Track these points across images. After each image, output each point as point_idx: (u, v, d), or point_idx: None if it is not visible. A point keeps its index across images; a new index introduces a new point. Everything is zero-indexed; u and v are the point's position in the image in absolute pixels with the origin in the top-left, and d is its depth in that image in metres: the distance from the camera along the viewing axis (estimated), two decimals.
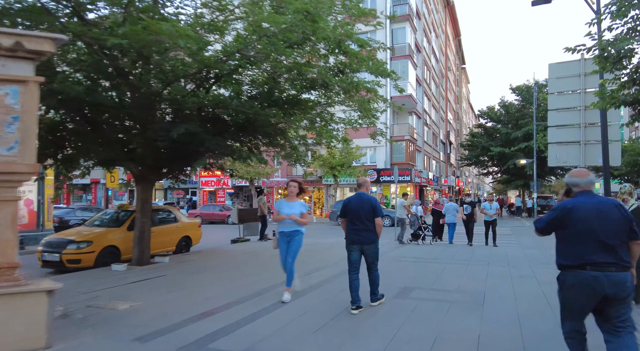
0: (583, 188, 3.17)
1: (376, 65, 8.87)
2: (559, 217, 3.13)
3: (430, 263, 9.31)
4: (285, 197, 6.17)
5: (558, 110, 11.31)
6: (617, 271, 2.90)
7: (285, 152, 12.40)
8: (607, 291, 2.88)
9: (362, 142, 29.25)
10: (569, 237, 3.07)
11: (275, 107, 9.17)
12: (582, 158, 10.81)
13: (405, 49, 29.13)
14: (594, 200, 3.09)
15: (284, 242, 5.97)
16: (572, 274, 3.02)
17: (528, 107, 33.76)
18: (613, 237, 2.95)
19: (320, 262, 9.46)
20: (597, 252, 2.93)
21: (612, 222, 2.97)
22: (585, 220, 2.99)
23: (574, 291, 3.01)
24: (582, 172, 3.23)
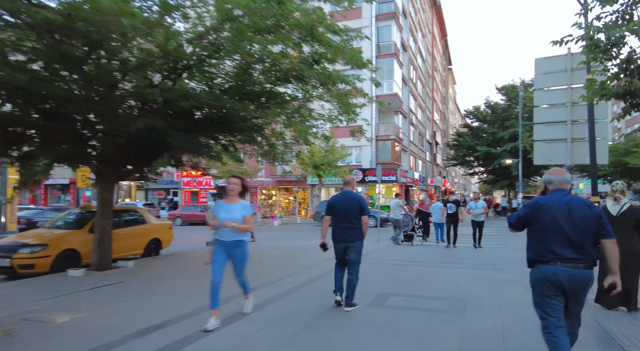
0: (557, 186, 3.20)
1: (351, 55, 8.34)
2: (529, 212, 3.16)
3: (412, 266, 8.82)
4: (225, 198, 4.95)
5: (544, 106, 10.93)
6: (585, 268, 2.97)
7: (263, 150, 11.83)
8: (573, 286, 2.96)
9: (347, 142, 28.78)
10: (539, 232, 3.10)
11: (248, 100, 8.59)
12: (569, 157, 10.44)
13: (390, 47, 28.74)
14: (565, 198, 3.11)
15: (221, 254, 4.79)
16: (541, 269, 3.06)
17: (514, 107, 33.67)
18: (581, 234, 2.99)
19: (296, 267, 8.90)
20: (565, 248, 2.98)
21: (581, 220, 3.00)
22: (555, 217, 3.03)
23: (544, 286, 3.04)
24: (558, 171, 3.27)
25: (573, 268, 2.94)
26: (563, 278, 2.95)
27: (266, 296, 6.13)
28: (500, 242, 15.10)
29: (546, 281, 3.02)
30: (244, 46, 6.84)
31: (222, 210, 4.77)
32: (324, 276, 7.64)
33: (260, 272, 8.17)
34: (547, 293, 3.03)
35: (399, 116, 32.89)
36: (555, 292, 3.01)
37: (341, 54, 8.16)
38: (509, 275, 7.68)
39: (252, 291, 6.35)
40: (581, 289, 3.01)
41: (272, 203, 32.29)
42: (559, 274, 2.96)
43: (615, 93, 5.70)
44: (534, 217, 3.13)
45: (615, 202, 5.30)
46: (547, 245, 3.04)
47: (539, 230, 3.11)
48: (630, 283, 5.16)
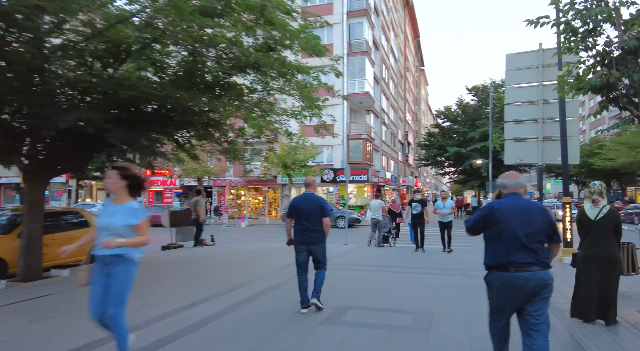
0: (510, 191, 3.21)
1: (307, 40, 7.65)
2: (485, 217, 3.16)
3: (377, 272, 8.22)
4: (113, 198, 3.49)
5: (515, 104, 10.57)
6: (538, 270, 2.96)
7: (222, 147, 11.00)
8: (529, 291, 2.94)
9: (318, 140, 28.16)
10: (494, 237, 3.11)
11: (198, 91, 7.78)
12: (540, 156, 10.11)
13: (362, 45, 28.28)
14: (519, 202, 3.13)
15: (99, 274, 3.31)
16: (496, 275, 3.06)
17: (484, 108, 33.86)
18: (534, 239, 2.99)
19: (252, 274, 8.14)
20: (518, 253, 2.97)
21: (534, 224, 3.02)
22: (508, 221, 3.03)
23: (499, 292, 3.05)
24: (512, 175, 3.27)
25: (526, 272, 2.95)
26: (517, 283, 2.95)
27: (210, 311, 5.36)
28: (470, 244, 14.74)
29: (502, 287, 3.02)
30: (184, 27, 6.04)
31: (104, 214, 3.39)
32: (280, 286, 6.94)
33: (212, 281, 7.38)
34: (501, 298, 3.06)
35: (371, 115, 32.51)
36: (509, 298, 3.01)
37: (296, 39, 7.46)
38: (478, 281, 7.12)
39: (198, 305, 5.61)
40: (538, 291, 2.96)
41: (241, 203, 31.30)
42: (514, 279, 2.95)
43: (593, 86, 5.23)
44: (489, 221, 3.13)
45: (594, 204, 4.82)
46: (501, 249, 3.04)
47: (493, 235, 3.11)
48: (609, 293, 4.69)
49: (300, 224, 5.31)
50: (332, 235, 14.56)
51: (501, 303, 3.06)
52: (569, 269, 8.39)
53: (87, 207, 27.03)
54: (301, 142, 24.87)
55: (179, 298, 6.04)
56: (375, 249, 12.10)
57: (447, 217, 11.17)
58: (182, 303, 5.75)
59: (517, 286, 2.94)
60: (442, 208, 11.20)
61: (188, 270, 8.77)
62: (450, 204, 11.30)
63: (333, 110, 28.97)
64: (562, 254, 9.21)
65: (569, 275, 7.56)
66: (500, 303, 3.07)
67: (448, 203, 11.27)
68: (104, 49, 7.35)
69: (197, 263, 9.62)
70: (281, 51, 7.78)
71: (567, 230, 9.11)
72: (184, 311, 5.38)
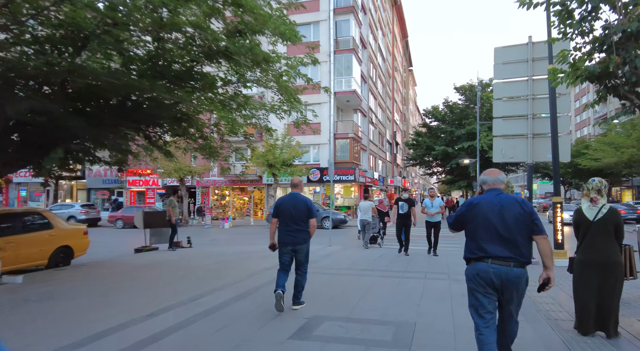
0: (490, 186, 3.26)
1: (276, 25, 7.07)
2: (464, 212, 3.22)
3: (358, 276, 7.69)
4: None
5: (504, 99, 10.14)
6: (514, 266, 2.96)
7: (197, 144, 10.39)
8: (505, 284, 2.97)
9: (305, 139, 27.61)
10: (473, 231, 3.14)
11: (164, 80, 7.17)
12: (530, 154, 9.69)
13: (349, 42, 27.80)
14: (498, 197, 3.16)
15: None
16: (474, 266, 3.09)
17: (472, 107, 33.67)
18: (513, 232, 3.01)
19: (223, 280, 7.55)
20: (497, 246, 3.00)
21: (512, 217, 3.03)
22: (487, 215, 3.08)
23: (475, 283, 3.08)
24: (492, 172, 3.35)
25: (503, 265, 2.96)
26: (493, 275, 2.98)
27: (165, 324, 4.76)
28: (457, 244, 14.34)
29: (477, 278, 3.06)
30: (140, 9, 5.44)
31: None
32: (249, 294, 6.36)
33: (178, 288, 6.77)
34: (478, 290, 3.07)
35: (358, 114, 32.05)
36: (486, 290, 3.04)
37: (267, 23, 6.88)
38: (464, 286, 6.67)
39: (156, 316, 5.00)
40: (512, 287, 2.98)
41: (226, 203, 30.56)
42: (490, 271, 2.99)
43: (591, 73, 4.76)
44: (469, 216, 3.18)
45: (592, 203, 4.34)
46: (480, 243, 3.07)
47: (472, 229, 3.15)
48: (610, 302, 4.21)
49: (286, 224, 5.27)
50: (317, 236, 14.06)
51: (480, 294, 3.07)
52: (563, 274, 7.95)
53: (64, 207, 26.12)
54: (287, 141, 24.29)
55: (137, 308, 5.44)
56: (360, 251, 11.57)
57: (434, 217, 10.41)
58: (138, 314, 5.14)
59: (490, 277, 2.99)
60: (430, 207, 10.42)
61: (155, 275, 8.13)
62: (438, 203, 10.43)
63: (319, 108, 28.48)
64: (555, 257, 8.80)
65: (562, 280, 7.12)
66: (478, 295, 3.08)
67: (436, 202, 10.42)
68: (62, 36, 6.73)
69: (167, 267, 8.98)
70: (252, 37, 7.19)
71: (559, 231, 8.69)
72: (137, 324, 4.78)
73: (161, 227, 12.32)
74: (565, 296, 6.11)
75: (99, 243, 15.82)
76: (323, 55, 27.86)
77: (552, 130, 8.89)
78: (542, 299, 5.83)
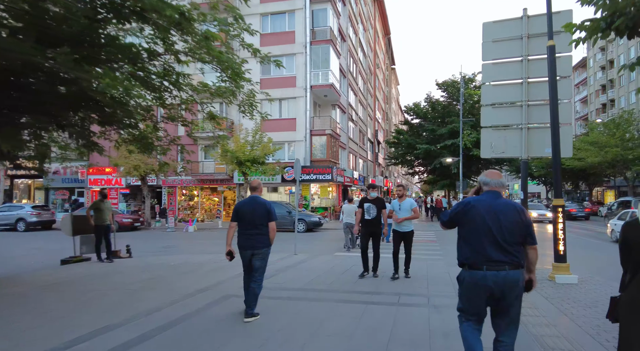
0: (491, 188, 3.14)
1: None
2: (461, 211, 3.11)
3: (315, 301, 6.02)
4: None
5: (494, 84, 8.64)
6: (510, 270, 2.91)
7: (129, 135, 8.61)
8: (501, 290, 2.89)
9: (278, 136, 25.90)
10: (468, 234, 3.06)
11: (54, 45, 5.39)
12: (524, 148, 8.20)
13: (326, 33, 26.16)
14: (496, 200, 3.07)
15: None
16: (469, 273, 3.01)
17: (455, 104, 32.43)
18: (509, 238, 2.94)
19: (144, 303, 5.79)
20: (492, 251, 2.93)
21: (509, 224, 2.96)
22: (484, 219, 2.98)
23: (471, 290, 3.00)
24: (494, 173, 3.20)
25: (499, 271, 2.90)
26: (490, 281, 2.90)
27: None
28: (438, 251, 12.84)
29: (474, 285, 2.98)
30: None
31: None
32: (173, 325, 4.63)
33: (87, 315, 5.00)
34: (473, 296, 3.00)
35: (337, 110, 30.46)
36: (480, 297, 2.97)
37: None
38: (448, 314, 5.07)
39: None
40: (510, 291, 2.91)
41: (194, 205, 28.57)
42: (487, 277, 2.91)
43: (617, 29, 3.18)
44: (464, 217, 3.08)
45: None
46: (475, 247, 2.99)
47: (468, 232, 3.06)
48: None
49: (245, 228, 5.15)
50: (284, 242, 12.33)
51: (473, 300, 3.01)
52: (561, 291, 6.46)
53: (13, 208, 23.77)
54: (258, 137, 22.52)
55: (23, 345, 3.67)
56: (328, 261, 9.91)
57: (405, 224, 7.36)
58: None
59: (489, 285, 2.90)
60: (398, 210, 7.38)
61: (55, 299, 6.31)
62: (409, 205, 7.37)
63: (295, 103, 26.81)
64: (554, 270, 7.30)
65: (559, 299, 5.62)
66: (472, 301, 3.01)
67: (406, 204, 7.38)
68: None
69: (77, 287, 7.17)
70: None
71: (560, 240, 7.20)
72: None
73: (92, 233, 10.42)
74: (564, 318, 4.65)
75: (33, 250, 13.86)
76: (298, 46, 26.19)
77: (552, 119, 7.40)
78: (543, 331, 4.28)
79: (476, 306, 3.02)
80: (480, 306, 3.01)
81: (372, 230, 7.62)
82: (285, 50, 26.43)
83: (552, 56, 7.45)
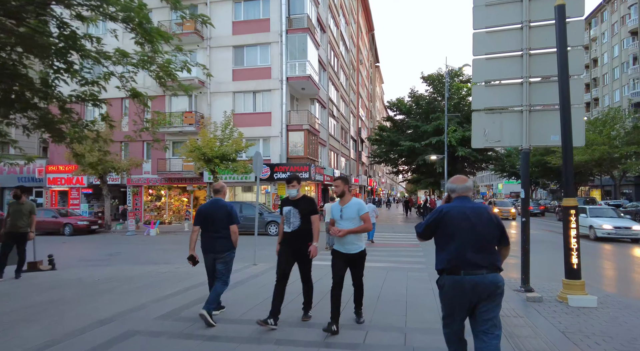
0: (459, 194, 3.21)
1: None
2: (435, 220, 3.14)
3: (250, 344, 4.32)
4: None
5: (487, 57, 7.09)
6: (488, 273, 2.94)
7: (44, 120, 6.81)
8: (480, 294, 2.92)
9: (252, 131, 24.11)
10: (444, 240, 3.09)
11: None
12: (526, 135, 6.64)
13: (303, 21, 24.44)
14: (467, 205, 3.12)
15: None
16: (448, 278, 3.02)
17: (440, 100, 31.04)
18: (484, 241, 3.00)
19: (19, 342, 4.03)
20: (471, 255, 2.96)
21: (483, 227, 3.02)
22: (459, 224, 3.03)
23: (451, 295, 3.01)
24: (460, 179, 3.25)
25: (476, 275, 2.92)
26: (469, 286, 2.92)
27: None
28: (422, 258, 11.26)
29: (453, 291, 2.99)
30: None
31: None
32: None
33: None
34: (453, 301, 3.02)
35: (316, 105, 28.79)
36: (461, 301, 2.98)
37: None
38: None
39: None
40: (489, 295, 2.92)
41: (161, 205, 26.54)
42: (465, 282, 2.93)
43: None
44: (440, 225, 3.10)
45: None
46: (453, 253, 3.00)
47: (444, 238, 3.09)
48: None
49: (207, 231, 5.08)
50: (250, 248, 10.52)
51: (453, 306, 3.02)
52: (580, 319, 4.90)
53: None
54: (228, 132, 20.70)
55: None
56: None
57: (350, 241, 4.62)
58: None
59: (467, 289, 2.92)
60: (339, 218, 4.67)
61: None
62: (355, 209, 4.60)
63: (270, 96, 25.03)
64: (565, 288, 5.76)
65: (578, 333, 4.05)
66: (452, 306, 3.04)
67: (351, 208, 4.62)
68: None
69: None
70: None
71: (573, 251, 5.66)
72: None
73: None
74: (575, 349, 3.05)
75: None
76: (274, 35, 24.44)
77: (562, 99, 5.87)
78: None
79: (457, 311, 3.02)
80: (461, 311, 3.01)
81: (295, 247, 4.84)
82: (259, 39, 24.65)
83: (561, 20, 5.92)
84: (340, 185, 4.71)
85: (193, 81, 24.29)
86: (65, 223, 19.94)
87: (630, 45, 46.42)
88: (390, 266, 9.64)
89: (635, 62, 45.41)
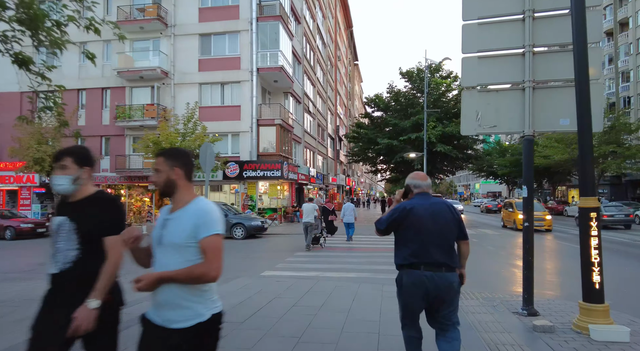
0: (423, 190, 3.19)
1: None
2: (399, 217, 3.08)
3: None
4: None
5: (479, 21, 5.72)
6: (446, 272, 2.96)
7: None
8: (438, 291, 2.93)
9: (220, 126, 22.38)
10: (406, 237, 3.06)
11: None
12: (529, 119, 5.28)
13: (275, 8, 22.87)
14: (429, 201, 3.12)
15: None
16: (407, 273, 3.01)
17: (419, 97, 29.92)
18: (445, 237, 3.02)
19: None
20: (430, 252, 2.96)
21: (445, 223, 3.03)
22: (422, 221, 3.00)
23: (410, 291, 3.00)
24: (421, 175, 3.25)
25: (435, 272, 2.93)
26: (427, 282, 2.93)
27: None
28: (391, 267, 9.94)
29: (412, 285, 2.98)
30: None
31: None
32: None
33: None
34: (411, 298, 3.02)
35: (290, 99, 27.27)
36: (418, 296, 2.98)
37: None
38: None
39: None
40: (446, 292, 2.95)
41: None
42: (424, 278, 2.93)
43: None
44: (404, 222, 3.07)
45: None
46: (416, 249, 2.99)
47: (405, 234, 3.07)
48: None
49: None
50: None
51: (411, 302, 3.03)
52: None
53: None
54: (191, 125, 19.01)
55: None
56: (246, 288, 6.73)
57: (169, 301, 1.94)
58: None
59: (426, 284, 2.92)
60: (157, 244, 2.06)
61: None
62: (191, 222, 1.96)
63: (239, 88, 23.28)
64: (583, 315, 4.43)
65: None
66: (410, 303, 3.04)
67: (181, 221, 1.99)
68: None
69: None
70: None
71: (595, 265, 4.34)
72: None
73: None
74: None
75: None
76: (243, 23, 22.78)
77: (578, 72, 4.55)
78: None
79: (413, 306, 3.03)
80: (416, 306, 3.02)
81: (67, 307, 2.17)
82: (228, 27, 22.94)
83: None
84: (162, 169, 2.10)
85: (155, 71, 22.46)
86: (6, 226, 17.82)
87: (605, 45, 46.56)
88: (364, 278, 8.27)
89: (610, 62, 45.56)
